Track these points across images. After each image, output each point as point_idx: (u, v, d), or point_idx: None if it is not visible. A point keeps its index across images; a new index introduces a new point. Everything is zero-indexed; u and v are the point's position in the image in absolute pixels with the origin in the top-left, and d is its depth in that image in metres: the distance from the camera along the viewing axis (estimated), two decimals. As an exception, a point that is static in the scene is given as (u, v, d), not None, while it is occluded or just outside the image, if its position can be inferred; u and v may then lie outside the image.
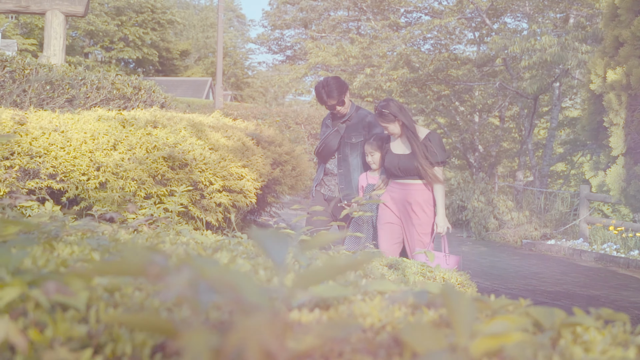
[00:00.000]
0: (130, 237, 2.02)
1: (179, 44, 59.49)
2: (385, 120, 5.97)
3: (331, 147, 6.57)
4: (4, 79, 9.10)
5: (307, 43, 30.32)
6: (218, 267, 0.78)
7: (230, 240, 2.62)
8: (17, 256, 0.97)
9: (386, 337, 1.08)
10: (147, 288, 1.21)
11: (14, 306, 0.99)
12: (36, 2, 12.30)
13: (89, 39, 51.97)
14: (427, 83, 21.89)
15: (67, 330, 0.90)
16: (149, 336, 0.97)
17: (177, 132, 7.89)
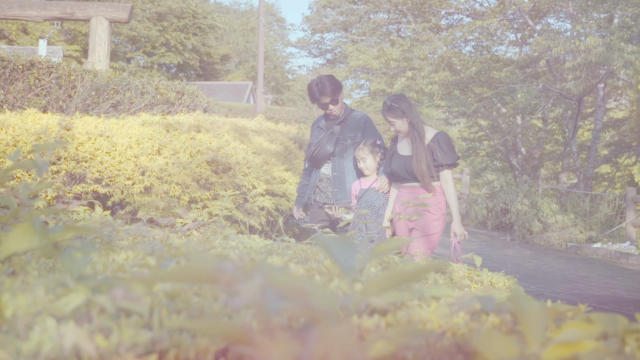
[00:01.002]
0: (182, 242, 2.02)
1: (219, 48, 59.84)
2: (393, 115, 5.64)
3: (327, 150, 6.25)
4: (50, 85, 9.24)
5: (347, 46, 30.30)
6: (286, 274, 0.77)
7: (279, 244, 2.62)
8: (81, 262, 0.97)
9: (447, 344, 1.07)
10: (204, 294, 1.20)
11: (78, 312, 0.99)
12: (81, 8, 12.47)
13: (131, 44, 52.55)
14: (469, 85, 21.73)
15: (133, 336, 0.90)
16: (212, 342, 0.97)
17: (221, 136, 7.94)
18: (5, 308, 0.92)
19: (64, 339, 0.77)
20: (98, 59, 12.05)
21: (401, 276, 0.81)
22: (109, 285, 0.99)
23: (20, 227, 0.94)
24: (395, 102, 5.64)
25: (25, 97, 9.12)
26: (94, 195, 6.98)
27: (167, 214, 7.20)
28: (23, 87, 9.12)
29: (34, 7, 12.61)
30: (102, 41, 12.19)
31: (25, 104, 9.00)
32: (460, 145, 22.68)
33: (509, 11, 22.11)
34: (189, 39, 51.99)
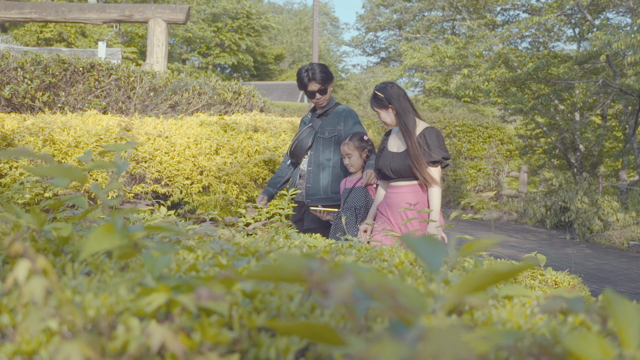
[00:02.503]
0: (250, 241, 2.03)
1: (273, 48, 60.13)
2: (378, 104, 5.17)
3: (304, 145, 5.87)
4: (110, 86, 9.38)
5: (401, 44, 30.14)
6: (374, 274, 0.76)
7: (342, 243, 2.61)
8: (162, 262, 0.98)
9: (527, 345, 1.04)
10: (279, 293, 1.20)
11: (158, 311, 0.99)
12: (139, 10, 12.65)
13: (186, 45, 53.14)
14: (526, 82, 21.45)
15: (215, 336, 0.90)
16: (291, 342, 0.97)
17: (277, 135, 7.97)
18: (88, 307, 0.93)
19: (152, 338, 0.77)
20: (156, 60, 12.21)
21: (493, 276, 0.80)
22: (188, 285, 0.99)
23: (101, 227, 0.94)
24: (381, 90, 5.19)
25: (85, 98, 9.28)
26: (154, 195, 7.07)
27: (225, 213, 7.27)
28: (83, 89, 9.28)
29: (93, 10, 12.83)
30: (160, 42, 12.35)
31: (85, 105, 9.16)
32: (517, 143, 22.37)
33: (567, 6, 21.74)
34: (243, 40, 52.37)
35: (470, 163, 19.35)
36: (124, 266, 1.51)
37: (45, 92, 9.22)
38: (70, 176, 0.96)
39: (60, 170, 0.96)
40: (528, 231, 15.98)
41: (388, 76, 34.31)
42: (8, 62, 9.15)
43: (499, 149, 19.83)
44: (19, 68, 9.15)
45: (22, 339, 0.85)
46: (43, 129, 6.79)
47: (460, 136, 19.54)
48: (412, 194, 5.10)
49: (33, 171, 1.02)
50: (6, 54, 9.28)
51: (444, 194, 19.20)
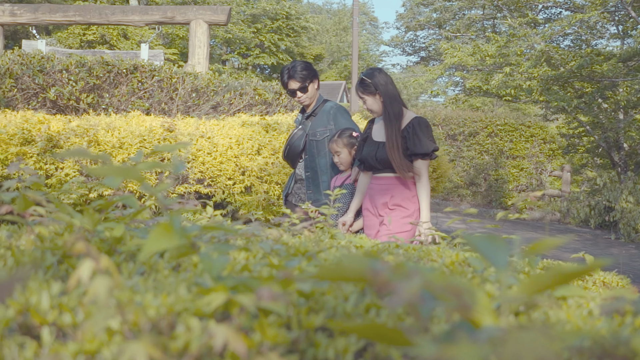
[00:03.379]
0: (299, 241, 2.03)
1: (312, 48, 60.19)
2: (365, 90, 4.95)
3: (296, 148, 5.64)
4: (152, 87, 9.46)
5: (441, 43, 29.98)
6: (440, 274, 0.75)
7: (388, 243, 2.60)
8: (219, 262, 0.98)
9: (589, 346, 1.02)
10: (334, 293, 1.20)
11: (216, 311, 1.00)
12: (181, 12, 12.75)
13: (226, 46, 53.44)
14: (569, 80, 21.18)
15: (275, 336, 0.90)
16: (350, 342, 0.96)
17: (319, 135, 7.97)
18: (148, 307, 0.93)
19: (214, 338, 0.77)
20: (198, 62, 12.30)
21: (561, 277, 0.78)
22: (245, 285, 0.99)
23: (159, 227, 0.95)
24: (368, 76, 4.97)
25: (129, 100, 9.38)
26: (196, 195, 7.12)
27: (267, 213, 7.29)
28: (127, 90, 9.38)
29: (136, 12, 12.97)
30: (202, 44, 12.44)
31: (129, 106, 9.25)
32: (559, 142, 22.09)
33: (610, 3, 21.42)
34: (282, 40, 52.51)
35: (512, 162, 19.16)
36: (175, 266, 1.51)
37: (90, 93, 9.33)
38: (128, 176, 0.97)
39: (119, 170, 0.97)
40: (572, 231, 15.79)
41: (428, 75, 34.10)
42: (53, 64, 9.28)
43: (542, 148, 19.61)
44: (64, 70, 9.28)
45: (84, 338, 0.85)
46: (88, 130, 6.87)
47: (502, 135, 19.37)
48: (398, 185, 4.84)
49: (92, 171, 1.03)
50: (51, 57, 9.42)
51: (485, 193, 19.04)
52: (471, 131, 19.37)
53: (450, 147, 18.87)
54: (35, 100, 9.22)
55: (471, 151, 19.25)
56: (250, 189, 7.15)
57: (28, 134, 6.73)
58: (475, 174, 19.07)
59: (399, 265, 0.78)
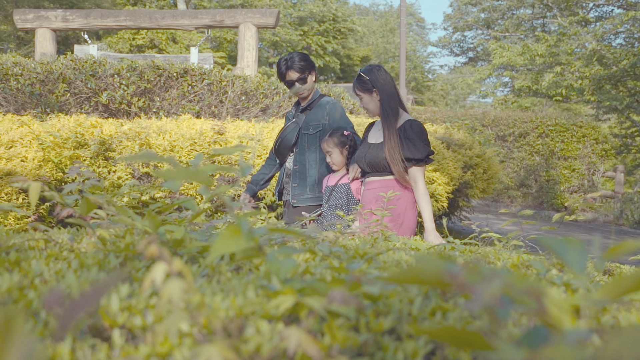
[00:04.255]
0: (356, 244, 2.02)
1: (359, 50, 60.15)
2: (361, 87, 4.72)
3: (288, 141, 5.47)
4: (202, 91, 9.54)
5: (490, 44, 29.73)
6: (519, 277, 0.74)
7: (444, 245, 2.57)
8: (287, 265, 0.98)
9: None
10: (400, 296, 1.18)
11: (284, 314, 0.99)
12: (230, 16, 12.84)
13: (273, 49, 53.69)
14: (621, 79, 20.83)
15: (345, 339, 0.89)
16: (419, 345, 0.95)
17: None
18: (218, 310, 0.93)
19: (288, 341, 0.76)
20: (247, 65, 12.38)
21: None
22: (311, 288, 0.99)
23: (227, 229, 0.95)
24: (366, 72, 4.74)
25: (179, 103, 9.47)
26: (246, 197, 7.15)
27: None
28: (177, 94, 9.47)
29: (185, 16, 13.10)
30: (250, 47, 12.52)
31: (179, 110, 9.35)
32: (612, 142, 21.72)
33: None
34: (329, 43, 52.57)
35: (563, 163, 18.88)
36: (235, 268, 1.52)
37: (141, 97, 9.45)
38: (197, 179, 0.97)
39: (187, 173, 0.97)
40: (626, 233, 15.50)
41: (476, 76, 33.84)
42: (105, 69, 9.41)
43: (594, 148, 19.26)
44: (116, 74, 9.41)
45: (156, 341, 0.86)
46: (139, 133, 6.95)
47: (553, 136, 19.09)
48: (385, 189, 4.54)
49: (160, 174, 1.03)
50: (103, 61, 9.56)
51: (536, 195, 18.81)
52: (521, 132, 19.13)
53: (501, 148, 18.66)
54: (87, 104, 9.36)
55: (521, 152, 19.03)
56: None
57: (81, 137, 6.83)
58: (526, 175, 18.85)
59: (474, 268, 0.76)
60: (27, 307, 1.05)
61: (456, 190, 8.55)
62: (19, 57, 10.34)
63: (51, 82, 9.24)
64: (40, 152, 6.61)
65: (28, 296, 1.06)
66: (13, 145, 6.73)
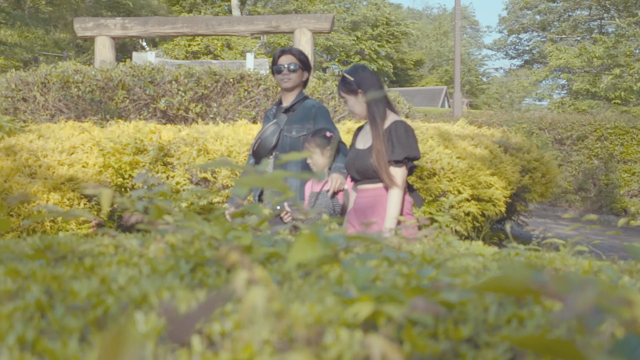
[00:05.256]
0: (421, 249, 2.00)
1: (412, 54, 59.99)
2: (346, 89, 4.46)
3: (268, 143, 5.14)
4: (258, 96, 9.60)
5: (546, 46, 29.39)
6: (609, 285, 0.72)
7: (508, 251, 2.54)
8: (364, 272, 0.97)
9: None
10: (475, 304, 1.17)
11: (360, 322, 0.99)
12: (285, 21, 12.90)
13: (326, 54, 53.84)
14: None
15: (425, 347, 0.89)
16: (497, 354, 0.94)
17: (424, 141, 7.90)
18: (296, 317, 0.93)
19: (371, 349, 0.76)
20: (302, 70, 12.40)
21: None
22: (388, 295, 0.98)
23: (304, 236, 0.95)
24: (351, 73, 4.47)
25: (235, 108, 9.55)
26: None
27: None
28: (234, 100, 9.55)
29: (241, 23, 13.21)
30: (306, 52, 12.55)
31: (236, 115, 9.42)
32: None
33: None
34: (382, 47, 52.52)
35: (623, 167, 18.48)
36: (304, 274, 1.52)
37: (198, 103, 9.55)
38: (273, 186, 0.98)
39: (265, 180, 0.98)
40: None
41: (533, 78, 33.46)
42: (163, 75, 9.54)
43: (655, 151, 18.84)
44: (174, 81, 9.53)
45: (236, 348, 0.86)
46: (197, 139, 7.02)
47: (612, 139, 18.70)
48: (381, 198, 4.36)
49: (239, 181, 1.04)
50: (161, 68, 9.70)
51: (595, 199, 18.46)
52: (579, 135, 18.80)
53: (558, 152, 18.36)
54: (146, 110, 9.50)
55: (580, 155, 18.70)
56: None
57: (140, 143, 6.93)
58: (584, 179, 18.52)
59: (563, 277, 0.75)
60: (105, 313, 1.07)
61: (514, 195, 8.45)
62: (80, 64, 10.55)
63: (111, 89, 9.40)
64: (101, 158, 6.73)
65: (106, 302, 1.08)
66: (74, 152, 6.86)
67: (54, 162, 6.65)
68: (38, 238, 1.93)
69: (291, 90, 5.19)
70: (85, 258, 1.54)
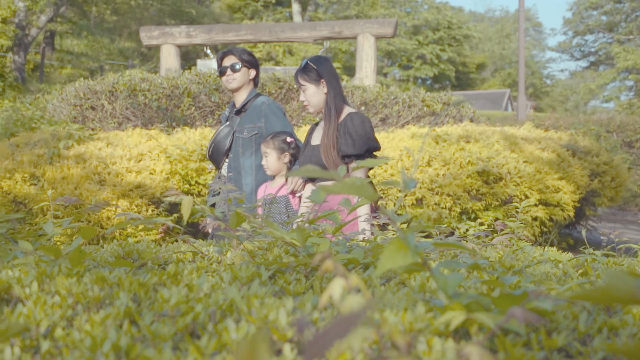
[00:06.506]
0: (497, 255, 1.98)
1: (474, 57, 59.41)
2: (308, 77, 4.27)
3: (222, 147, 4.99)
4: (322, 102, 9.62)
5: (612, 47, 28.81)
6: None
7: (586, 257, 2.49)
8: (454, 280, 0.96)
9: None
10: (565, 312, 1.15)
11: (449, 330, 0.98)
12: (348, 27, 12.92)
13: (387, 58, 53.72)
14: None
15: (521, 356, 0.87)
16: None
17: (490, 145, 7.82)
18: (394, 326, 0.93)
19: (470, 358, 0.75)
20: (365, 75, 12.42)
21: None
22: (477, 303, 0.97)
23: (392, 244, 0.94)
24: (315, 62, 4.31)
25: (299, 115, 9.59)
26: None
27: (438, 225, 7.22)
28: (298, 105, 9.59)
29: (304, 29, 13.27)
30: (369, 57, 12.56)
31: (299, 121, 9.46)
32: None
33: None
34: (444, 51, 52.15)
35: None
36: (385, 281, 1.51)
37: (262, 109, 9.61)
38: (362, 194, 0.97)
39: (353, 187, 0.98)
40: None
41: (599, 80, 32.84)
42: (227, 82, 9.64)
43: None
44: (238, 88, 9.61)
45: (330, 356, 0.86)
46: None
47: (685, 139, 18.19)
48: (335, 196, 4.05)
49: (327, 189, 1.04)
50: (226, 75, 9.79)
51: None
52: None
53: (627, 155, 17.95)
54: (211, 117, 9.60)
55: (651, 158, 18.24)
56: (422, 201, 7.10)
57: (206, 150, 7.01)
58: (655, 183, 18.07)
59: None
60: (194, 320, 1.08)
61: (582, 199, 8.29)
62: (146, 73, 10.72)
63: (176, 97, 9.53)
64: (168, 165, 6.83)
65: (195, 309, 1.09)
66: (142, 159, 6.98)
67: (122, 169, 6.77)
68: (117, 245, 1.97)
69: (238, 90, 5.10)
70: (169, 265, 1.56)
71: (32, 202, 6.60)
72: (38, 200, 6.56)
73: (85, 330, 1.00)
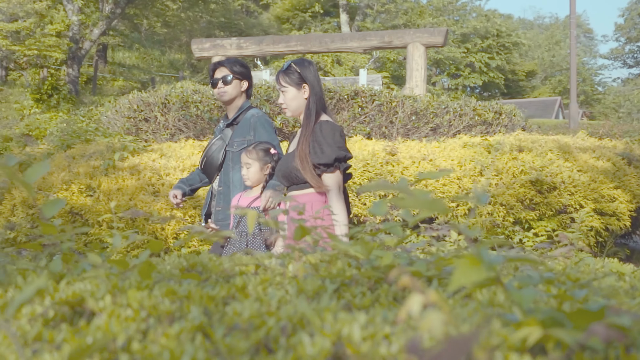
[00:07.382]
0: (563, 268, 1.96)
1: (524, 65, 58.85)
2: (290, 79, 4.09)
3: (215, 160, 4.88)
4: (373, 112, 9.63)
5: (667, 53, 28.30)
6: None
7: None
8: (529, 295, 0.96)
9: None
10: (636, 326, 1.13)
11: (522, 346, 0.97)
12: (398, 36, 12.93)
13: (435, 67, 53.51)
14: None
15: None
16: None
17: (543, 155, 7.74)
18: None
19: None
20: (415, 84, 12.39)
21: None
22: (551, 319, 0.96)
23: (466, 258, 0.94)
24: (298, 65, 4.15)
25: (350, 125, 9.60)
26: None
27: (492, 235, 7.15)
28: (348, 116, 9.61)
29: (354, 39, 13.31)
30: (419, 66, 12.53)
31: (350, 131, 9.46)
32: None
33: None
34: (493, 59, 51.77)
35: None
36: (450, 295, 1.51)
37: (313, 120, 9.64)
38: (435, 209, 0.97)
39: (426, 202, 0.98)
40: None
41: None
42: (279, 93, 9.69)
43: None
44: (289, 98, 9.66)
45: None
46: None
47: None
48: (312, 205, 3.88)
49: (397, 202, 1.04)
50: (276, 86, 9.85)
51: None
52: None
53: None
54: (262, 128, 9.66)
55: None
56: (474, 211, 7.05)
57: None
58: None
59: None
60: (267, 334, 1.09)
61: (639, 209, 8.15)
62: (198, 84, 10.84)
63: (228, 108, 9.61)
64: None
65: (267, 323, 1.10)
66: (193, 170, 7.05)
67: (175, 180, 6.85)
68: (180, 257, 1.99)
69: (231, 103, 4.97)
70: (232, 277, 1.57)
71: (88, 213, 6.72)
72: (94, 211, 6.67)
73: (162, 344, 1.01)
